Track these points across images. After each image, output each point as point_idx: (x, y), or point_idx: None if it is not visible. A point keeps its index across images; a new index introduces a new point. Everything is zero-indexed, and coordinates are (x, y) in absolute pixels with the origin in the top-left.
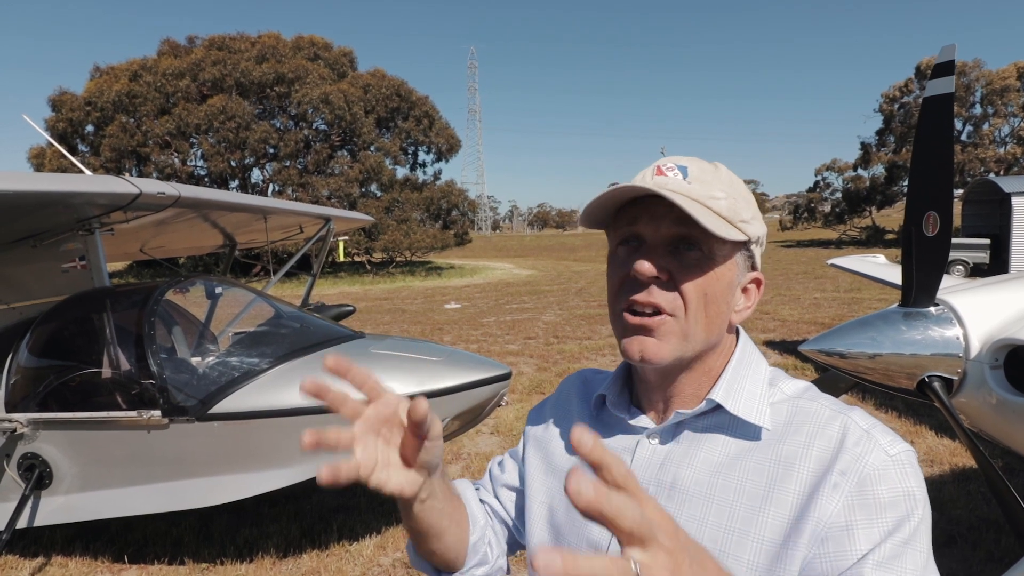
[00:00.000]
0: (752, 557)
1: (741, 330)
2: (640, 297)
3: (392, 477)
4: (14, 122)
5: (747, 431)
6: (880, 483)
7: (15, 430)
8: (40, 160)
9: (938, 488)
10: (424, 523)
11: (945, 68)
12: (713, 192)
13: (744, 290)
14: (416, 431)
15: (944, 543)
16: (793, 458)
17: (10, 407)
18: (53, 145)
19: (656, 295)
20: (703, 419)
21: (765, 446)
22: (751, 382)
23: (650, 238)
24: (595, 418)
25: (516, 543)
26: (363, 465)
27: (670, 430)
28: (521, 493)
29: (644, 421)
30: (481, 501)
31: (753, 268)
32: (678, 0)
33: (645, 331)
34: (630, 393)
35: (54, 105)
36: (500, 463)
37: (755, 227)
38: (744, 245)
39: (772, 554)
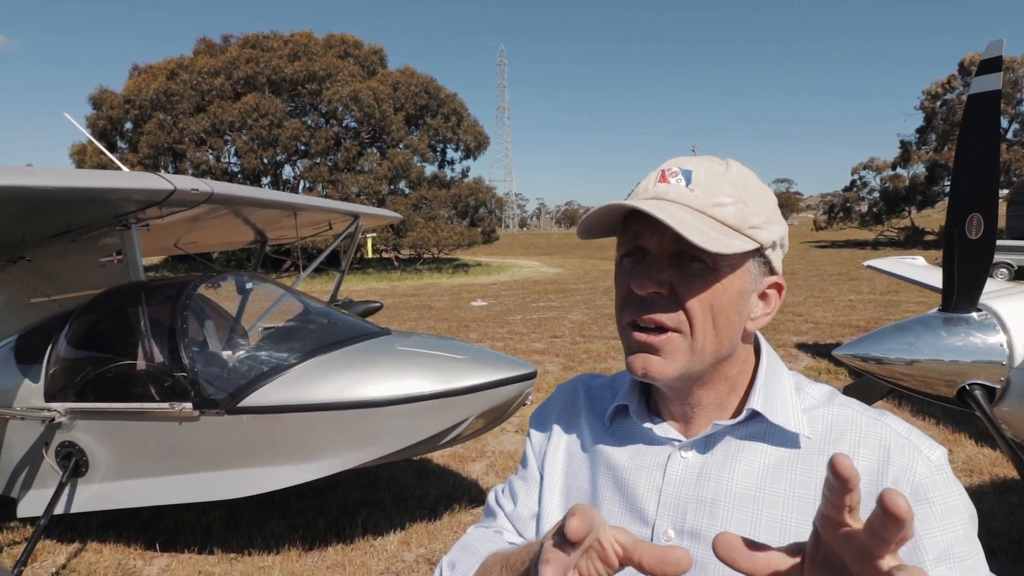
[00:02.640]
0: None
1: (760, 336)
2: (643, 315)
3: None
4: (56, 119)
5: (786, 439)
6: (931, 491)
7: (54, 419)
8: (81, 157)
9: (978, 499)
10: None
11: (992, 64)
12: (718, 198)
13: (763, 296)
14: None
15: (987, 557)
16: None
17: (49, 396)
18: (93, 142)
19: (659, 312)
20: (740, 428)
21: (807, 455)
22: (781, 389)
23: (653, 250)
24: (608, 431)
25: None
26: None
27: (702, 442)
28: (538, 517)
29: (671, 432)
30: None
31: (772, 272)
32: None
33: (650, 349)
34: (647, 400)
35: (95, 103)
36: (508, 493)
37: (768, 232)
38: (757, 252)
39: None
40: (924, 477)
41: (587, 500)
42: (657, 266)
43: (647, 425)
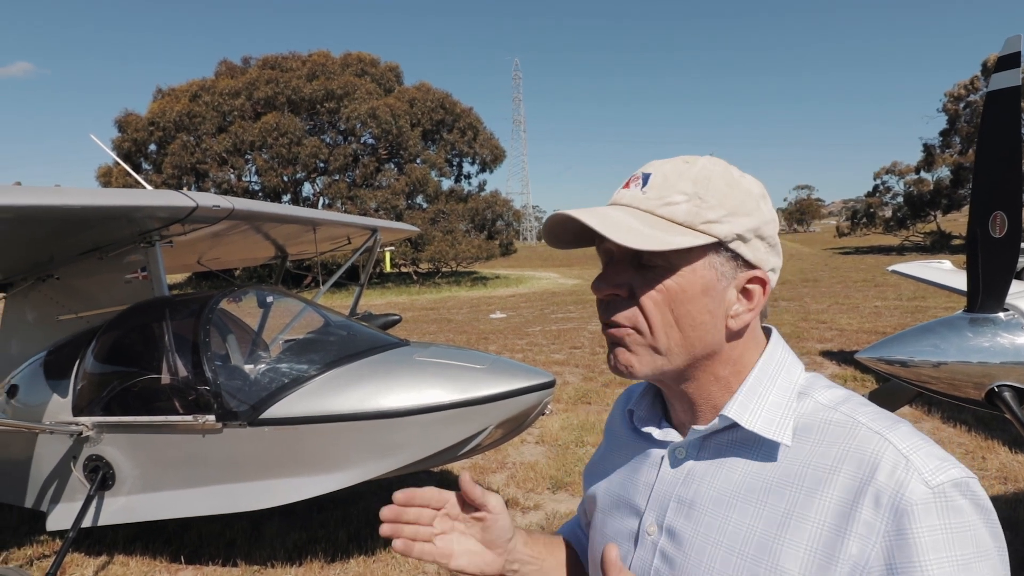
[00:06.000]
0: None
1: (775, 332)
2: (604, 316)
3: (471, 561)
4: (83, 142)
5: (767, 448)
6: (921, 522)
7: (81, 433)
8: (107, 178)
9: (1012, 507)
10: None
11: (1010, 61)
12: (670, 197)
13: (744, 291)
14: (473, 508)
15: (1018, 566)
16: (816, 483)
17: (77, 411)
18: (119, 163)
19: (616, 313)
20: (724, 434)
21: (786, 465)
22: (776, 393)
23: (616, 253)
24: (633, 431)
25: None
26: (440, 554)
27: (694, 444)
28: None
29: (672, 435)
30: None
31: (749, 267)
32: (729, 3)
33: (618, 342)
34: (663, 405)
35: (120, 126)
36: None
37: (728, 225)
38: (719, 246)
39: None
40: (912, 505)
41: (604, 494)
42: (617, 269)
43: (648, 429)
